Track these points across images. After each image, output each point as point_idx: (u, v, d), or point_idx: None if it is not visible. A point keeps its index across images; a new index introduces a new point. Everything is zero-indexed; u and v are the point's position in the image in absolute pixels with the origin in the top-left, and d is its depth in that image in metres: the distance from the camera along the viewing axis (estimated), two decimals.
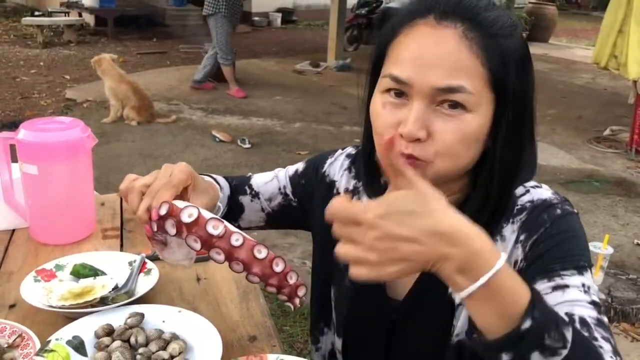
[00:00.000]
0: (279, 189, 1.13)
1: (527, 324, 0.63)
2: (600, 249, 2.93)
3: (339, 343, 1.04)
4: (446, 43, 0.79)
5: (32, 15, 10.71)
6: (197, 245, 0.81)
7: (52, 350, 0.97)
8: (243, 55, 7.34)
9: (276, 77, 7.26)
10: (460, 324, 0.89)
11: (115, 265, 1.24)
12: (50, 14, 10.47)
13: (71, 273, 1.21)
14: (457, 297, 0.65)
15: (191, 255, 0.94)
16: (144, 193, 0.87)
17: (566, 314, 0.77)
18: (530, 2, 12.48)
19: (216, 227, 0.81)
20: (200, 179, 0.96)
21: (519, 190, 0.90)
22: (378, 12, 9.60)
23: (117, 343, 1.00)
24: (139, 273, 1.21)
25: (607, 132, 5.76)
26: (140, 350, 0.99)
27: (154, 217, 0.83)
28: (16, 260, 1.31)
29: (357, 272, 0.63)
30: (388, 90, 0.83)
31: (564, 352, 0.65)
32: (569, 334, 0.66)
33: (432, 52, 0.79)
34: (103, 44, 9.68)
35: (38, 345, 0.98)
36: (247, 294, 1.20)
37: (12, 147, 1.34)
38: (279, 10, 12.47)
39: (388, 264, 0.62)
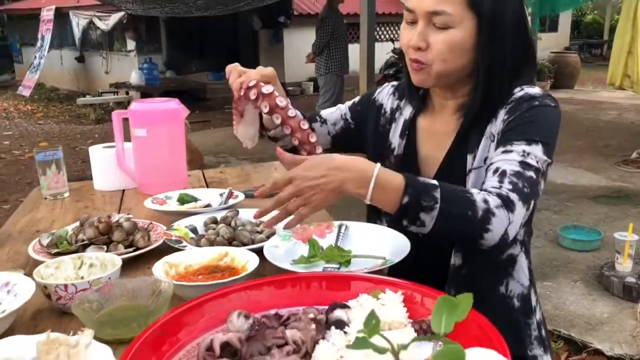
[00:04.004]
0: (341, 115, 1.49)
1: (405, 199, 1.01)
2: (626, 236, 3.15)
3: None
4: None
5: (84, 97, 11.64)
6: (266, 110, 1.19)
7: (175, 229, 1.33)
8: None
9: None
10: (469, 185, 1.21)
11: (209, 195, 1.60)
12: (100, 94, 11.35)
13: (177, 200, 1.58)
14: (366, 201, 1.03)
15: (255, 138, 1.32)
16: (241, 74, 1.26)
17: (497, 167, 1.11)
18: (552, 52, 12.88)
19: (281, 102, 1.20)
20: (280, 87, 1.33)
21: (517, 89, 1.21)
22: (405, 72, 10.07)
23: (222, 225, 1.35)
24: (228, 199, 1.57)
25: (634, 155, 5.98)
26: (239, 228, 1.34)
27: (244, 87, 1.21)
28: (132, 203, 1.69)
29: (301, 213, 1.07)
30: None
31: (437, 205, 1.01)
32: (437, 194, 1.01)
33: None
34: None
35: (164, 229, 1.34)
36: None
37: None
38: (310, 79, 13.12)
39: (315, 196, 1.04)
